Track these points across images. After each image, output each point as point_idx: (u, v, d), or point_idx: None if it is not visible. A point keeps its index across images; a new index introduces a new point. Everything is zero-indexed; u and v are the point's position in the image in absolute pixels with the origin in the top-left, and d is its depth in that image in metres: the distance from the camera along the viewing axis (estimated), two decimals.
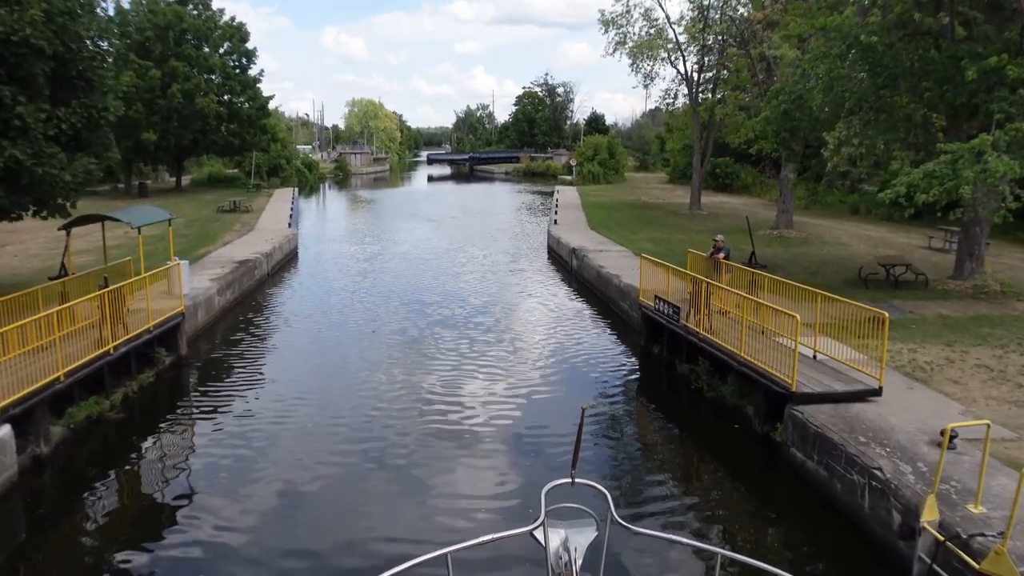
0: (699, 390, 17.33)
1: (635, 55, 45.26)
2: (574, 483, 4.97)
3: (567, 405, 17.22)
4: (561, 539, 5.03)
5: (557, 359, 21.02)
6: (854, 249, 33.84)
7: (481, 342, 22.72)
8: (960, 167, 16.95)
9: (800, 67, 23.60)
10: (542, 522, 4.86)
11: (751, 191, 68.29)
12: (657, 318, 19.58)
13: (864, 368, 14.68)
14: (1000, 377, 16.03)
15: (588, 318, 26.10)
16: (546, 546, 4.93)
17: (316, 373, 19.87)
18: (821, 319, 17.43)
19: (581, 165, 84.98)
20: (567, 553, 4.91)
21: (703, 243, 34.90)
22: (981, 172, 16.68)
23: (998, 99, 18.65)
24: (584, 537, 5.15)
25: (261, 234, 39.43)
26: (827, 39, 22.04)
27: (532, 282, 32.42)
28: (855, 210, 52.91)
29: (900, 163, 19.64)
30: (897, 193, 18.13)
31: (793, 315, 13.97)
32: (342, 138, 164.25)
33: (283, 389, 18.47)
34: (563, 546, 4.99)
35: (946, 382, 15.61)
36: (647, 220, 45.05)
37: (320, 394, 18.16)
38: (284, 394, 18.11)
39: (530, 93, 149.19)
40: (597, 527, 5.24)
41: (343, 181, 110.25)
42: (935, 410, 13.68)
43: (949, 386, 15.41)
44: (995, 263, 28.47)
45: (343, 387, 18.68)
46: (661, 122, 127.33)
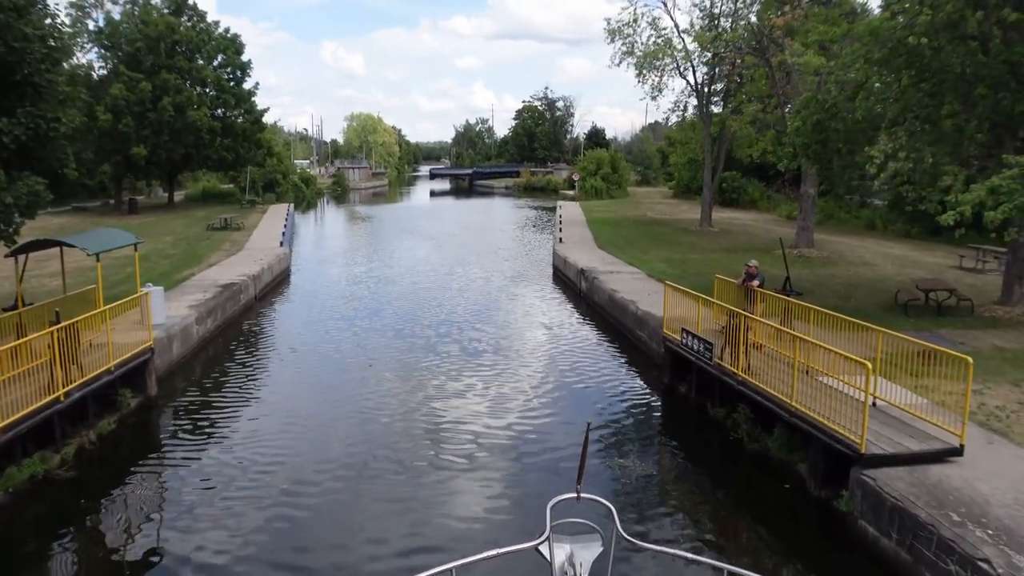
0: (738, 440, 15.16)
1: (642, 65, 43.20)
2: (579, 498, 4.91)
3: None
4: (566, 554, 4.93)
5: (568, 395, 18.94)
6: (881, 270, 31.73)
7: (485, 374, 20.73)
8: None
9: (832, 74, 21.50)
10: (547, 537, 4.79)
11: (759, 206, 66.45)
12: (684, 354, 17.43)
13: (934, 418, 12.56)
14: None
15: (601, 348, 23.92)
16: (551, 561, 4.82)
17: (306, 414, 17.66)
18: (865, 352, 15.45)
19: (584, 180, 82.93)
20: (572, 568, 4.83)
21: (720, 264, 32.84)
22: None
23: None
24: (590, 552, 5.01)
25: (250, 254, 37.27)
26: (864, 44, 19.98)
27: (538, 306, 30.25)
28: (871, 226, 50.95)
29: (953, 178, 17.60)
30: (962, 214, 16.02)
31: (864, 362, 11.80)
32: (341, 153, 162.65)
33: (269, 433, 16.35)
34: (568, 561, 4.89)
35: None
36: (656, 238, 42.92)
37: (311, 442, 15.96)
38: (270, 439, 16.01)
39: (530, 107, 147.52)
40: (603, 542, 5.09)
41: (341, 196, 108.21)
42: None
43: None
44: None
45: (337, 430, 16.50)
46: (662, 136, 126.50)
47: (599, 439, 16.20)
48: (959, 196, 16.04)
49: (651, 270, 31.09)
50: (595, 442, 15.96)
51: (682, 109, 48.24)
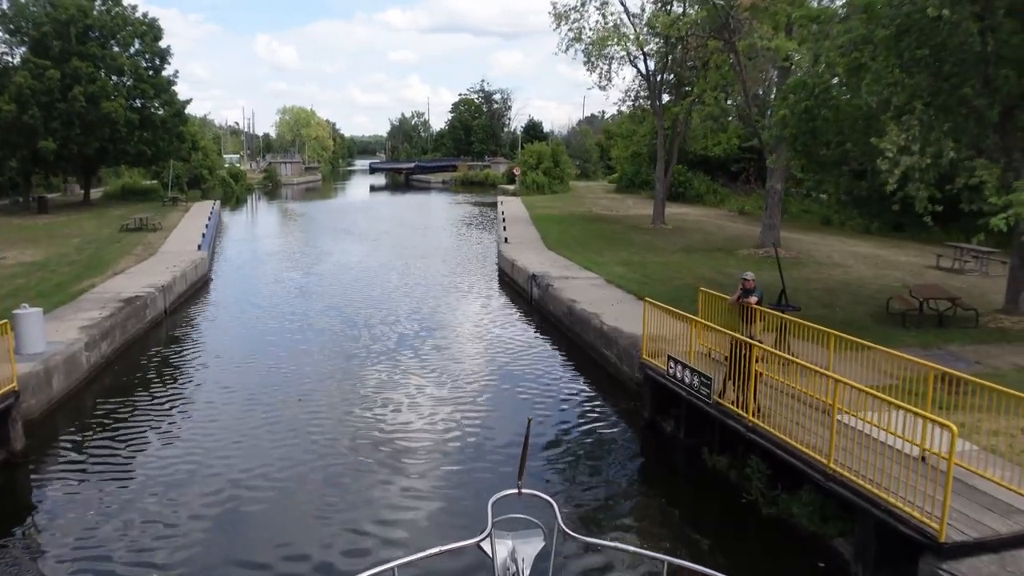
0: (751, 501, 12.25)
1: (591, 53, 40.33)
2: (520, 493, 4.81)
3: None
4: (508, 550, 4.82)
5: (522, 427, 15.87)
6: (856, 271, 29.35)
7: (425, 403, 17.70)
8: None
9: (823, 55, 18.80)
10: (489, 533, 4.71)
11: (705, 200, 64.60)
12: (672, 386, 14.50)
13: (1002, 479, 9.89)
14: None
15: (562, 371, 20.83)
16: (493, 557, 4.73)
17: (220, 460, 14.27)
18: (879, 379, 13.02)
19: (524, 174, 79.93)
20: (515, 564, 4.77)
21: (682, 267, 30.11)
22: None
23: None
24: (532, 547, 4.89)
25: (164, 259, 33.37)
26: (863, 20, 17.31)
27: (484, 317, 27.00)
28: (826, 221, 49.09)
29: (987, 174, 15.03)
30: (1019, 215, 13.39)
31: (948, 424, 8.93)
32: (273, 147, 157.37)
33: (171, 487, 13.04)
34: (510, 557, 4.78)
35: None
36: (608, 237, 40.07)
37: (225, 502, 12.65)
38: (173, 493, 12.78)
39: (467, 100, 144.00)
40: (544, 537, 4.94)
41: (272, 192, 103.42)
42: None
43: None
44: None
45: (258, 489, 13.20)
46: (600, 129, 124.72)
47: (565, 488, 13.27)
48: (1014, 197, 13.41)
49: (609, 275, 28.20)
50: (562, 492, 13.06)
51: (633, 99, 45.56)
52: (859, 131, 19.25)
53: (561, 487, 13.50)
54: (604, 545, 10.38)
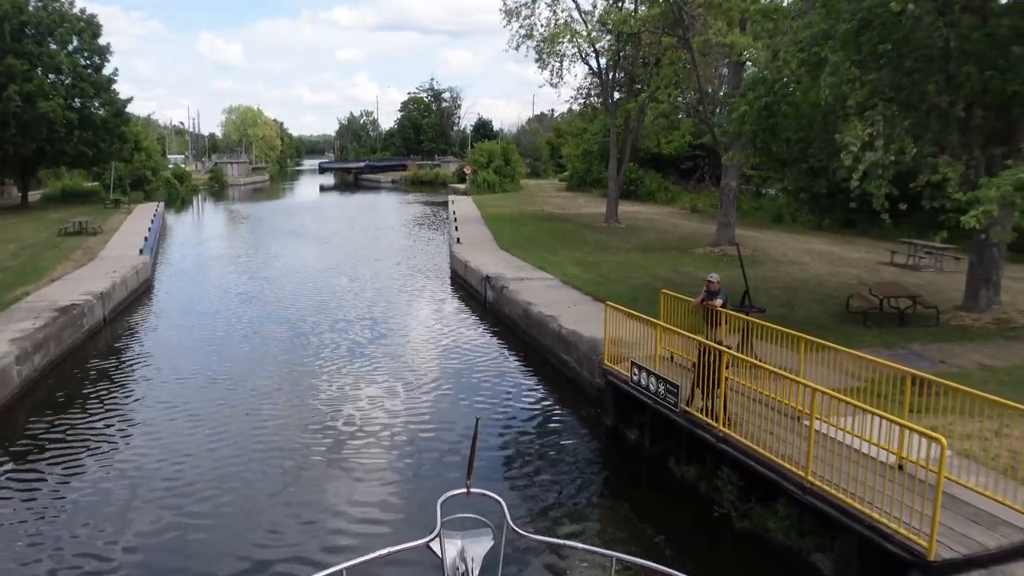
0: (723, 515, 11.71)
1: (542, 50, 39.75)
2: (469, 492, 4.82)
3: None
4: (458, 549, 4.86)
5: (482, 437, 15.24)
6: (812, 269, 29.17)
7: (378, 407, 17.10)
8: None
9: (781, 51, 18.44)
10: (438, 533, 4.73)
11: (656, 198, 64.56)
12: (636, 394, 13.95)
13: (984, 487, 9.49)
14: None
15: (517, 374, 20.27)
16: (443, 557, 4.75)
17: (162, 483, 13.30)
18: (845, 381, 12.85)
19: (475, 173, 79.21)
20: (464, 563, 4.80)
21: (638, 266, 29.66)
22: None
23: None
24: (481, 546, 4.95)
25: (104, 264, 32.03)
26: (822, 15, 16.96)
27: (436, 320, 26.26)
28: (777, 218, 49.15)
29: (951, 170, 14.74)
30: (989, 213, 13.05)
31: (937, 437, 8.46)
32: (219, 147, 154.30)
33: (106, 516, 12.09)
34: (460, 557, 4.82)
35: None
36: (562, 236, 39.53)
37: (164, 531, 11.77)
38: (108, 523, 11.83)
39: (416, 99, 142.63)
40: (493, 536, 5.00)
41: (219, 193, 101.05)
42: None
43: None
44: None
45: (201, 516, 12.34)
46: (550, 127, 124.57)
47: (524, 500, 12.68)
48: (982, 194, 13.07)
49: (565, 275, 27.65)
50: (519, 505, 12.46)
51: (585, 97, 45.11)
52: (818, 128, 18.92)
53: (518, 496, 12.94)
54: (553, 543, 10.66)
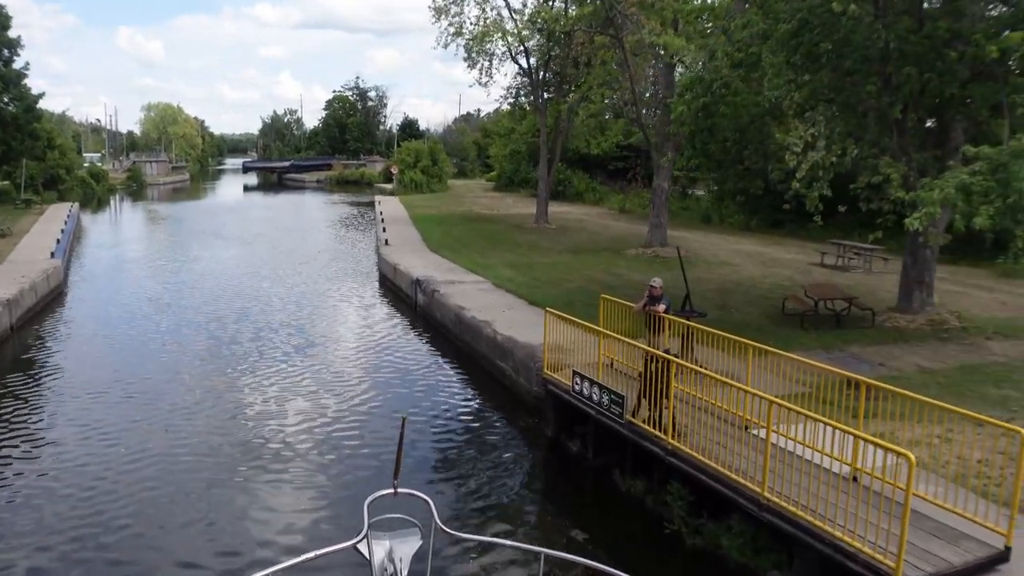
0: (675, 532, 11.23)
1: (471, 48, 39.11)
2: (396, 493, 4.83)
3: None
4: (386, 550, 4.77)
5: (413, 454, 14.56)
6: (745, 270, 29.14)
7: (304, 417, 16.30)
8: (1016, 176, 11.86)
9: (719, 51, 18.16)
10: (366, 535, 4.70)
11: (585, 199, 64.61)
12: (579, 404, 13.42)
13: (937, 498, 9.21)
14: None
15: (450, 382, 19.59)
16: (371, 559, 4.72)
17: (71, 513, 12.16)
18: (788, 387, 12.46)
19: (402, 173, 78.15)
20: (392, 564, 4.73)
21: (571, 268, 29.21)
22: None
23: (1019, 89, 13.89)
24: (409, 547, 4.86)
25: (12, 269, 30.24)
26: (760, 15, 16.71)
27: (365, 326, 25.32)
28: (706, 219, 49.45)
29: (893, 170, 14.61)
30: (931, 215, 12.87)
31: (906, 453, 8.08)
32: (138, 145, 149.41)
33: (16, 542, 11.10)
34: (388, 557, 4.75)
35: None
36: (492, 237, 38.93)
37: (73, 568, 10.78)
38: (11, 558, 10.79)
39: (341, 97, 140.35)
40: (422, 535, 4.92)
41: (137, 193, 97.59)
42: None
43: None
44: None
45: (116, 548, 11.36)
46: (477, 127, 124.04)
47: (462, 512, 12.06)
48: (924, 196, 12.89)
49: (497, 278, 27.04)
50: (455, 520, 11.83)
51: (514, 96, 44.64)
52: (754, 129, 18.71)
53: (453, 508, 12.34)
54: (481, 540, 10.79)
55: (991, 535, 8.66)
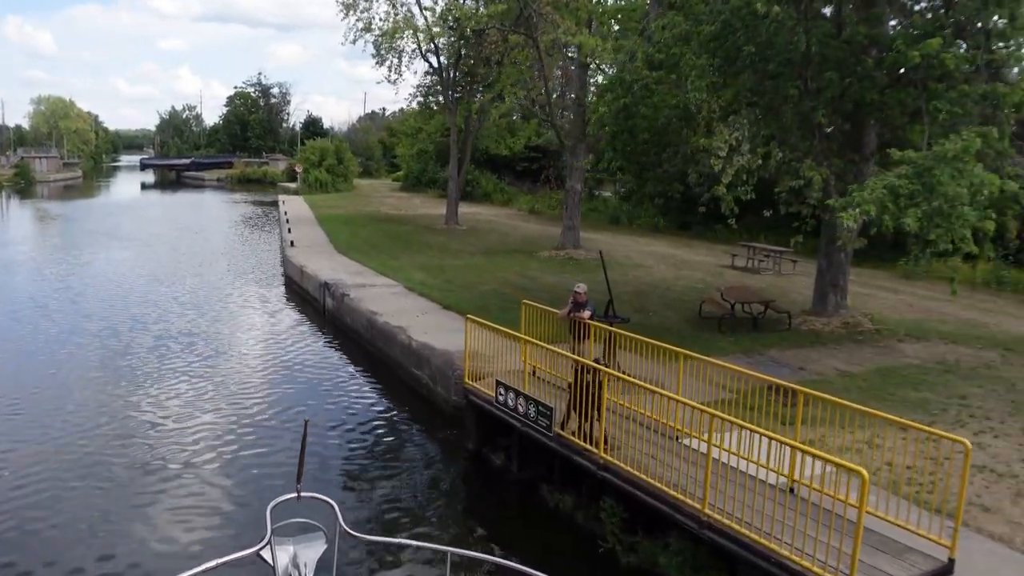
0: (608, 548, 10.74)
1: (380, 45, 38.16)
2: (300, 497, 4.75)
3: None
4: (290, 556, 4.65)
5: (322, 468, 13.77)
6: (657, 272, 29.11)
7: (205, 431, 15.25)
8: (940, 180, 11.83)
9: (639, 51, 17.89)
10: (269, 541, 4.60)
11: (493, 199, 64.32)
12: (503, 415, 12.84)
13: (890, 516, 8.97)
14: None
15: (363, 391, 18.76)
16: (274, 565, 4.60)
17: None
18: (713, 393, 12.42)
19: (306, 172, 76.30)
20: (297, 570, 4.63)
21: (485, 271, 28.64)
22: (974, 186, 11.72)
23: (938, 96, 13.95)
24: (314, 551, 4.76)
25: None
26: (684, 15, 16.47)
27: (270, 332, 24.20)
28: (614, 220, 49.65)
29: (817, 173, 14.54)
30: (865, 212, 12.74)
31: (859, 470, 7.75)
32: (27, 141, 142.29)
33: None
34: (292, 563, 4.64)
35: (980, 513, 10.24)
36: (402, 239, 38.07)
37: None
38: None
39: (242, 93, 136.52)
40: (326, 539, 4.84)
41: (26, 190, 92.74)
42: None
43: (990, 521, 10.07)
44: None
45: None
46: (382, 126, 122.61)
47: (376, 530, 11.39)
48: (858, 196, 12.75)
49: (409, 281, 26.25)
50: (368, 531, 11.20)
51: (424, 95, 43.83)
52: (674, 132, 18.50)
53: (369, 526, 11.66)
54: (387, 542, 10.78)
55: (935, 547, 8.44)
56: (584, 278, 26.82)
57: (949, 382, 16.05)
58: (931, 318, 22.34)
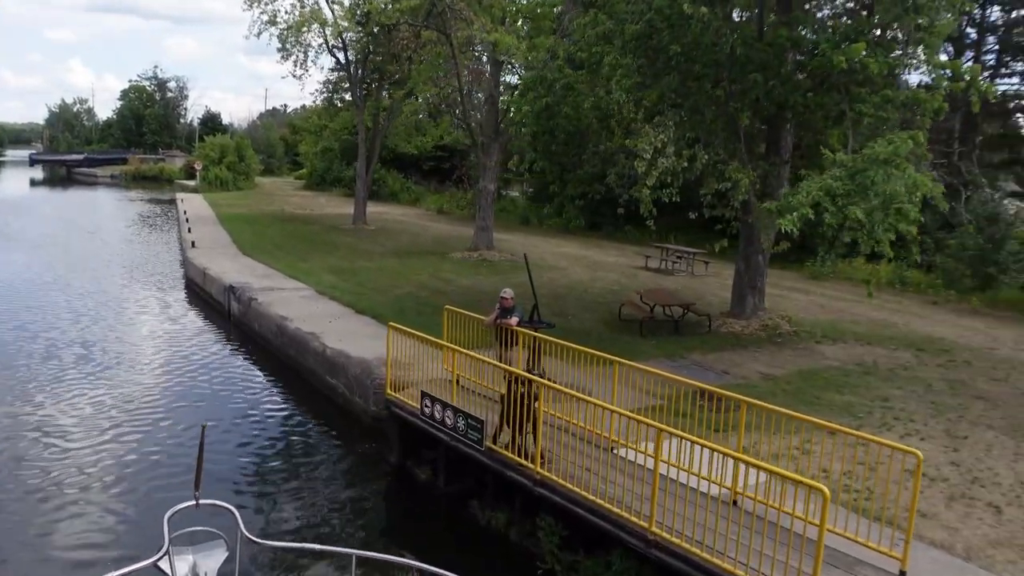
0: (547, 568, 10.25)
1: (285, 39, 36.91)
2: (199, 505, 4.66)
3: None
4: (189, 565, 4.61)
5: (233, 480, 12.97)
6: (574, 274, 28.83)
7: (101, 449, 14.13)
8: (873, 181, 11.77)
9: (559, 49, 17.51)
10: (167, 551, 4.51)
11: (399, 199, 63.58)
12: (429, 429, 12.23)
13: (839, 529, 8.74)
14: (967, 496, 11.02)
15: (274, 401, 17.80)
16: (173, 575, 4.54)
17: None
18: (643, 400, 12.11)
19: (206, 169, 73.87)
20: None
21: (398, 273, 27.81)
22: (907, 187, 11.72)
23: (862, 100, 13.97)
24: (214, 560, 4.71)
25: None
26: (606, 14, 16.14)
27: (172, 340, 22.74)
28: (524, 220, 49.47)
29: (744, 176, 14.40)
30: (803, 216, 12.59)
31: (820, 487, 7.43)
32: None
33: None
34: (191, 572, 4.61)
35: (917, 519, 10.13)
36: (309, 239, 36.90)
37: None
38: None
39: (137, 87, 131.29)
40: (227, 547, 4.78)
41: None
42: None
43: (929, 528, 9.97)
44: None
45: None
46: (284, 122, 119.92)
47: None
48: (795, 200, 12.61)
49: (320, 284, 25.29)
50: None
51: (331, 91, 42.70)
52: (594, 133, 18.20)
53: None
54: (291, 547, 10.49)
55: (886, 560, 8.25)
56: (500, 280, 26.53)
57: (870, 384, 16.15)
58: (844, 319, 22.64)
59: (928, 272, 30.26)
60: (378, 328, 19.68)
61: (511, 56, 25.29)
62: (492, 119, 30.96)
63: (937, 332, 21.59)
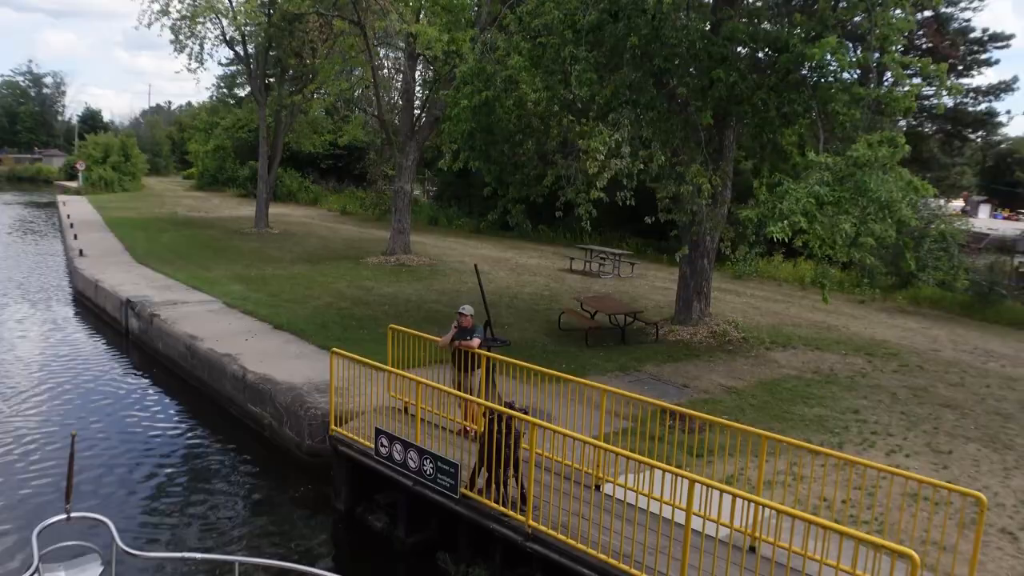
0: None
1: (179, 31, 34.32)
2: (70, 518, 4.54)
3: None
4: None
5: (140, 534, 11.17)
6: (499, 278, 27.47)
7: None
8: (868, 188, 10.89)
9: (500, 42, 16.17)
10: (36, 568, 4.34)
11: (298, 199, 61.44)
12: (386, 472, 10.68)
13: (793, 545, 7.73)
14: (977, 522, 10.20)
15: (187, 435, 15.58)
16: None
17: None
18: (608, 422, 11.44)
19: (89, 169, 69.50)
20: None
21: (313, 281, 25.84)
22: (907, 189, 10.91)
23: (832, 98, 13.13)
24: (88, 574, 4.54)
25: None
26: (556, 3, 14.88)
27: (58, 363, 19.95)
28: (432, 221, 48.11)
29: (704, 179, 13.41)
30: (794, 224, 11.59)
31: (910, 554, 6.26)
32: None
33: None
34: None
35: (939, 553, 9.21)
36: (210, 245, 34.38)
37: None
38: None
39: (10, 82, 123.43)
40: (102, 561, 4.59)
41: None
42: None
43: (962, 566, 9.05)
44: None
45: None
46: (171, 120, 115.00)
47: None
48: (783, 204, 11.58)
49: (228, 296, 23.15)
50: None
51: (228, 86, 40.21)
52: (537, 129, 16.95)
53: None
54: (170, 558, 10.15)
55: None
56: (422, 287, 25.10)
57: (835, 394, 15.44)
58: (785, 322, 22.05)
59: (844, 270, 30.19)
60: (301, 346, 17.98)
61: (430, 49, 23.72)
62: (408, 116, 29.37)
63: (879, 334, 21.23)
